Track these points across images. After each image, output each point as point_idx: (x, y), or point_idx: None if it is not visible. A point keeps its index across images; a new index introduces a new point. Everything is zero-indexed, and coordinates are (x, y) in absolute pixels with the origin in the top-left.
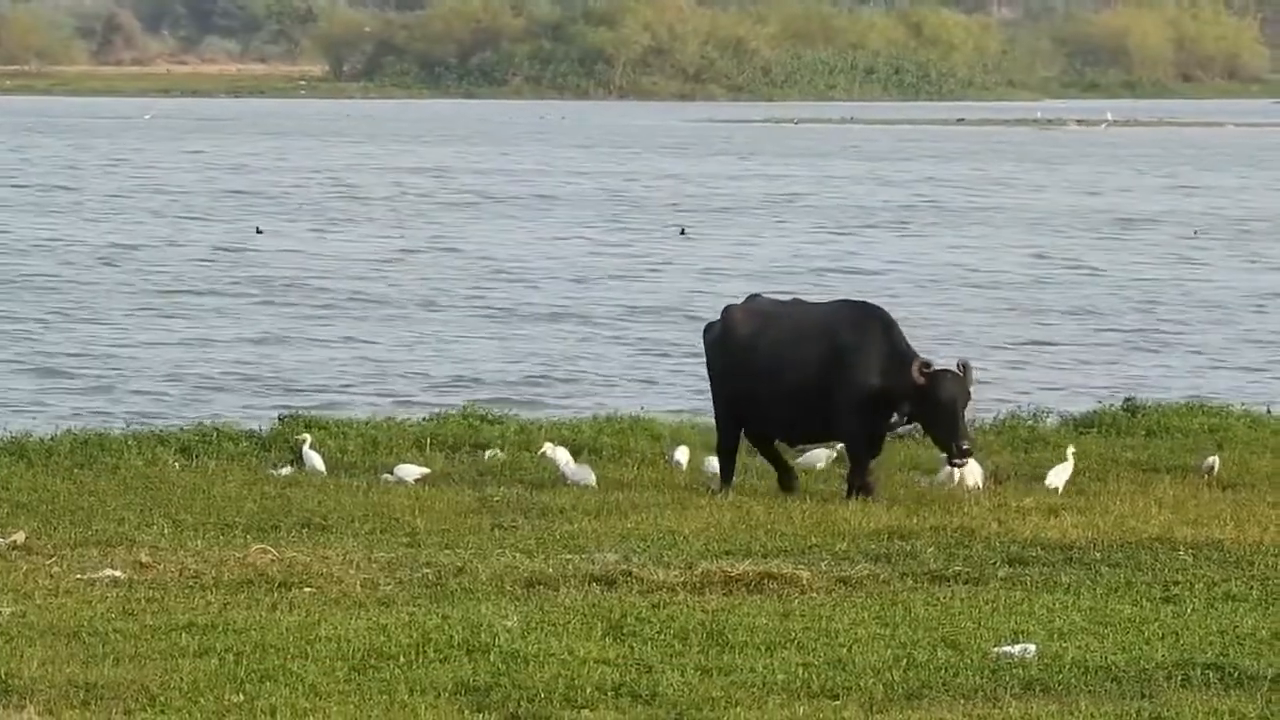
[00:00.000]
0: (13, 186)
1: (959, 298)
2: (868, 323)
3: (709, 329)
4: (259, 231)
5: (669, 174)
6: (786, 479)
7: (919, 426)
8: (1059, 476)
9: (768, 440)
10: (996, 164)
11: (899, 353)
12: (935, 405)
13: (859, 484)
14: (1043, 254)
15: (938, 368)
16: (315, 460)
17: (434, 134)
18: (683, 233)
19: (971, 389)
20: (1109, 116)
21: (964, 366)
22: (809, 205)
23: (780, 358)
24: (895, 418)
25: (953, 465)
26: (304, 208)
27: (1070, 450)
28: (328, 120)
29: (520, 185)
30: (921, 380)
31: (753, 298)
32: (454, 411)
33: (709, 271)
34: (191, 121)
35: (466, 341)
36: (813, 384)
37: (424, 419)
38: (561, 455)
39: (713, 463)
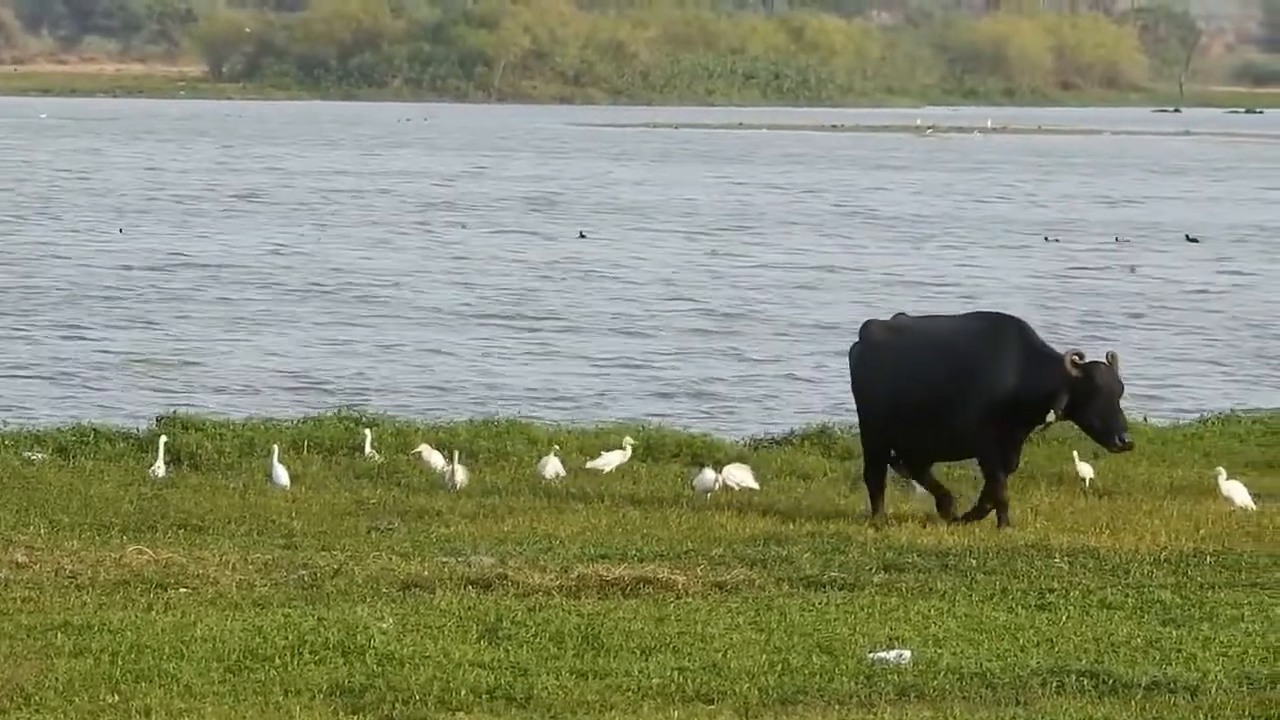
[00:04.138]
0: None
1: (830, 296)
2: (998, 330)
3: (852, 347)
4: (121, 231)
5: (565, 176)
6: (943, 503)
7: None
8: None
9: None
10: (872, 171)
11: (1040, 354)
12: (1093, 396)
13: (995, 500)
14: (912, 255)
15: (1091, 359)
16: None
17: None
18: (581, 236)
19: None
20: (989, 123)
21: (1112, 357)
22: (701, 210)
23: (908, 372)
24: (1051, 417)
25: (1115, 450)
26: (199, 208)
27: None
28: (213, 121)
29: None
30: (1077, 373)
31: (899, 316)
32: (330, 413)
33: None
34: (86, 122)
35: (359, 344)
36: (940, 398)
37: (300, 420)
38: (436, 458)
39: (551, 463)
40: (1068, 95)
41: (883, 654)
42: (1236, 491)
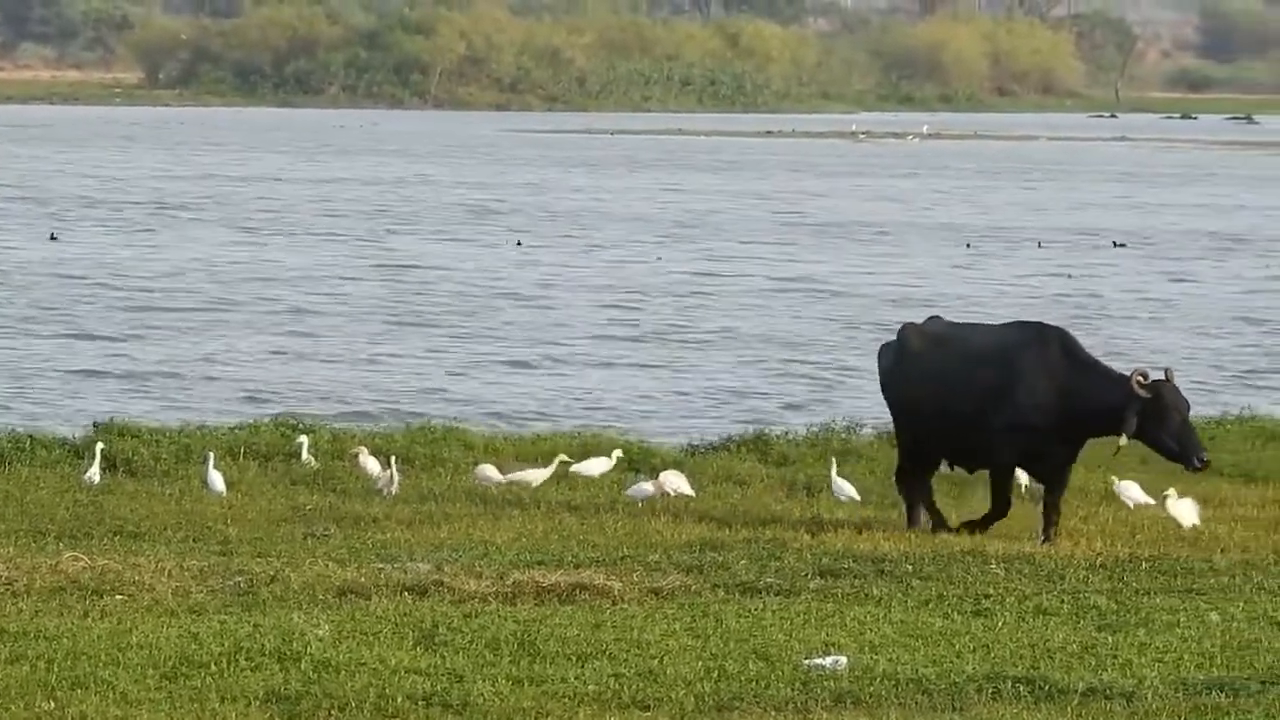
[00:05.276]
0: None
1: (795, 305)
2: (1039, 340)
3: (884, 351)
4: (53, 238)
5: (504, 185)
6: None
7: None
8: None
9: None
10: (807, 178)
11: (1085, 366)
12: (1165, 417)
13: (988, 517)
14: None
15: (1155, 378)
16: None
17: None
18: (519, 245)
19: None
20: (924, 129)
21: (1170, 374)
22: (645, 217)
23: (940, 376)
24: (1123, 440)
25: (1194, 471)
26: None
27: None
28: (149, 128)
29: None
30: (1145, 393)
31: (932, 319)
32: (266, 420)
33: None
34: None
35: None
36: (976, 407)
37: (235, 427)
38: (372, 464)
39: (485, 470)
40: (1004, 101)
41: (819, 660)
42: (1130, 491)
